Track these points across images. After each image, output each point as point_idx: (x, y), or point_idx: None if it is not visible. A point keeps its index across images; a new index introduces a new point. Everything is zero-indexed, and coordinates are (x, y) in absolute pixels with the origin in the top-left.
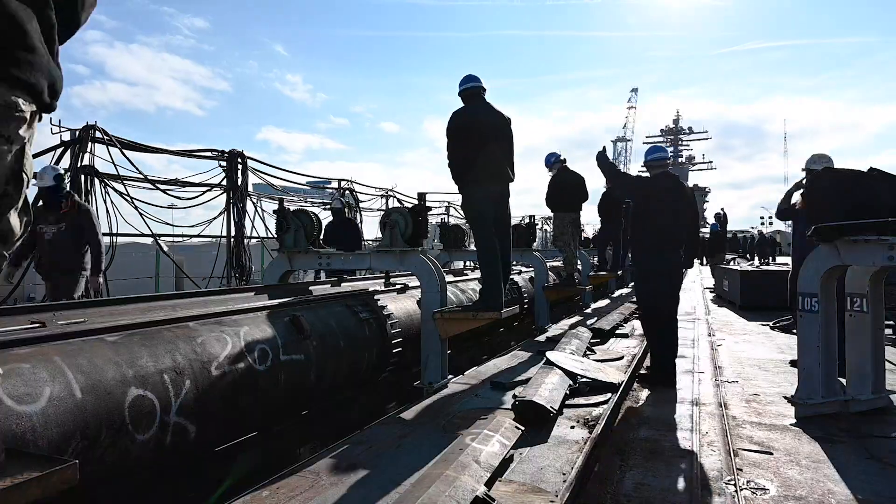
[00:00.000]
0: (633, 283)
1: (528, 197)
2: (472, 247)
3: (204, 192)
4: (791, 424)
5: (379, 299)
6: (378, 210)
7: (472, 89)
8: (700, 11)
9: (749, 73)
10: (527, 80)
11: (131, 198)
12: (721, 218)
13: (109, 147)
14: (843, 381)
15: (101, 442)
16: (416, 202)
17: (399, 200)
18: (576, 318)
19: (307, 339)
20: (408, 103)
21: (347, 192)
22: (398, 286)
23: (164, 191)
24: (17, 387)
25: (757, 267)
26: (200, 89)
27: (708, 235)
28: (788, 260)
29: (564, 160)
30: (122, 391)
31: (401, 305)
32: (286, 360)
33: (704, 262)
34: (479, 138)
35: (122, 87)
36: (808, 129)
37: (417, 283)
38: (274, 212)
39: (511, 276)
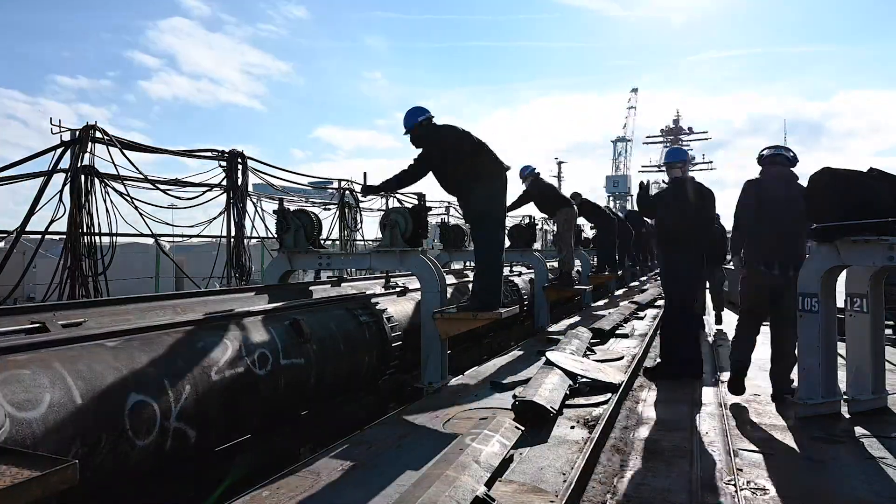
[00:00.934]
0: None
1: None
2: (472, 246)
3: (204, 192)
4: (791, 424)
5: (379, 302)
6: (378, 210)
7: (429, 119)
8: (650, 24)
9: (711, 79)
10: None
11: (131, 198)
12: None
13: (109, 147)
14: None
15: (101, 448)
16: (416, 202)
17: (399, 200)
18: (576, 318)
19: (307, 342)
20: (485, 97)
21: (347, 191)
22: (398, 289)
23: (164, 191)
24: (17, 393)
25: None
26: (273, 84)
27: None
28: None
29: (538, 173)
30: (121, 396)
31: (401, 308)
32: (286, 364)
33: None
34: (474, 141)
35: (186, 81)
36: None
37: (418, 285)
38: (274, 212)
39: (511, 278)
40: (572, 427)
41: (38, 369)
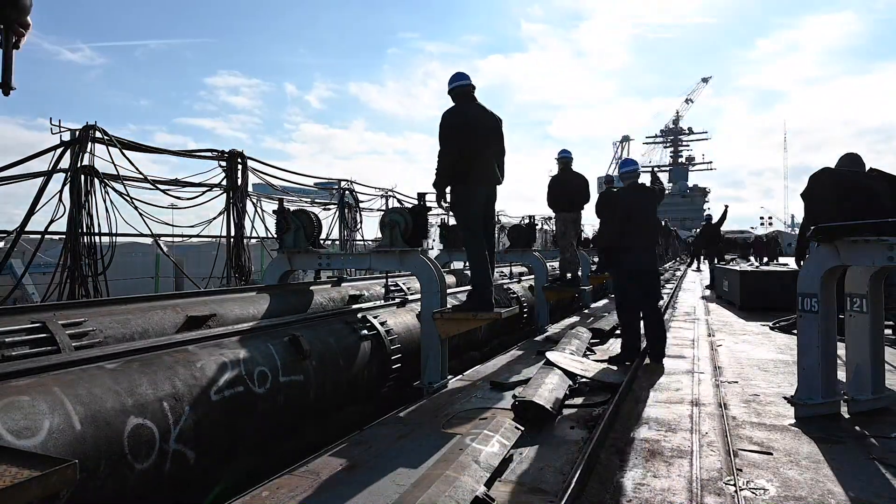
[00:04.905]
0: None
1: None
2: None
3: (204, 192)
4: (791, 425)
5: (378, 314)
6: (378, 210)
7: (462, 87)
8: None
9: None
10: None
11: (131, 198)
12: (710, 219)
13: (109, 147)
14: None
15: (100, 473)
16: (416, 202)
17: (399, 200)
18: (576, 318)
19: (306, 359)
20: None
21: (347, 191)
22: (397, 300)
23: (164, 191)
24: (16, 420)
25: (757, 267)
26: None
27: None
28: (788, 259)
29: (571, 159)
30: (121, 421)
31: (400, 320)
32: (285, 381)
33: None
34: (472, 139)
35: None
36: None
37: (417, 296)
38: (274, 212)
39: (509, 285)
40: (572, 427)
41: (37, 395)
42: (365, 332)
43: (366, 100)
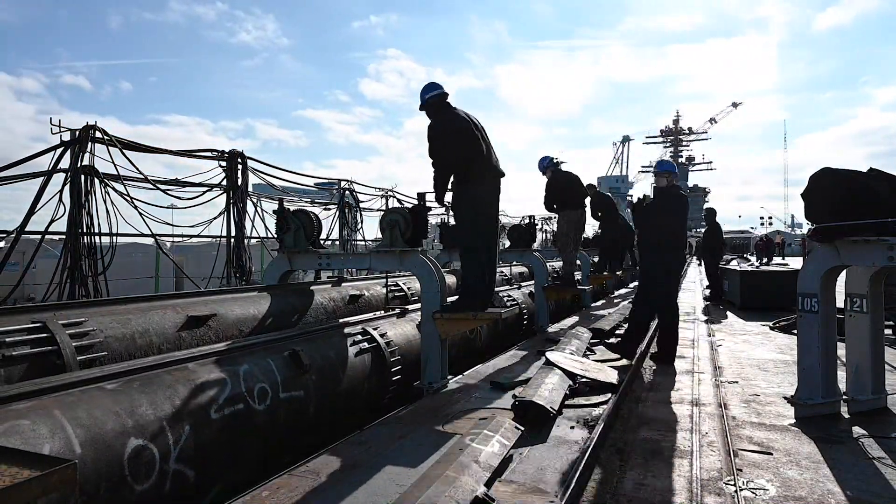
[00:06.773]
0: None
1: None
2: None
3: (204, 193)
4: (790, 425)
5: (378, 326)
6: (378, 210)
7: (439, 96)
8: None
9: None
10: None
11: (131, 198)
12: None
13: (109, 147)
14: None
15: (100, 496)
16: (416, 202)
17: (399, 200)
18: (576, 318)
19: (306, 373)
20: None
21: (347, 191)
22: (397, 310)
23: (164, 191)
24: (16, 445)
25: (757, 267)
26: None
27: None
28: (788, 260)
29: (558, 162)
30: (121, 443)
31: (400, 331)
32: (286, 397)
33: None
34: (472, 139)
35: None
36: None
37: (417, 306)
38: (274, 212)
39: (509, 292)
40: (572, 427)
41: (37, 418)
42: (365, 344)
43: (501, 90)
